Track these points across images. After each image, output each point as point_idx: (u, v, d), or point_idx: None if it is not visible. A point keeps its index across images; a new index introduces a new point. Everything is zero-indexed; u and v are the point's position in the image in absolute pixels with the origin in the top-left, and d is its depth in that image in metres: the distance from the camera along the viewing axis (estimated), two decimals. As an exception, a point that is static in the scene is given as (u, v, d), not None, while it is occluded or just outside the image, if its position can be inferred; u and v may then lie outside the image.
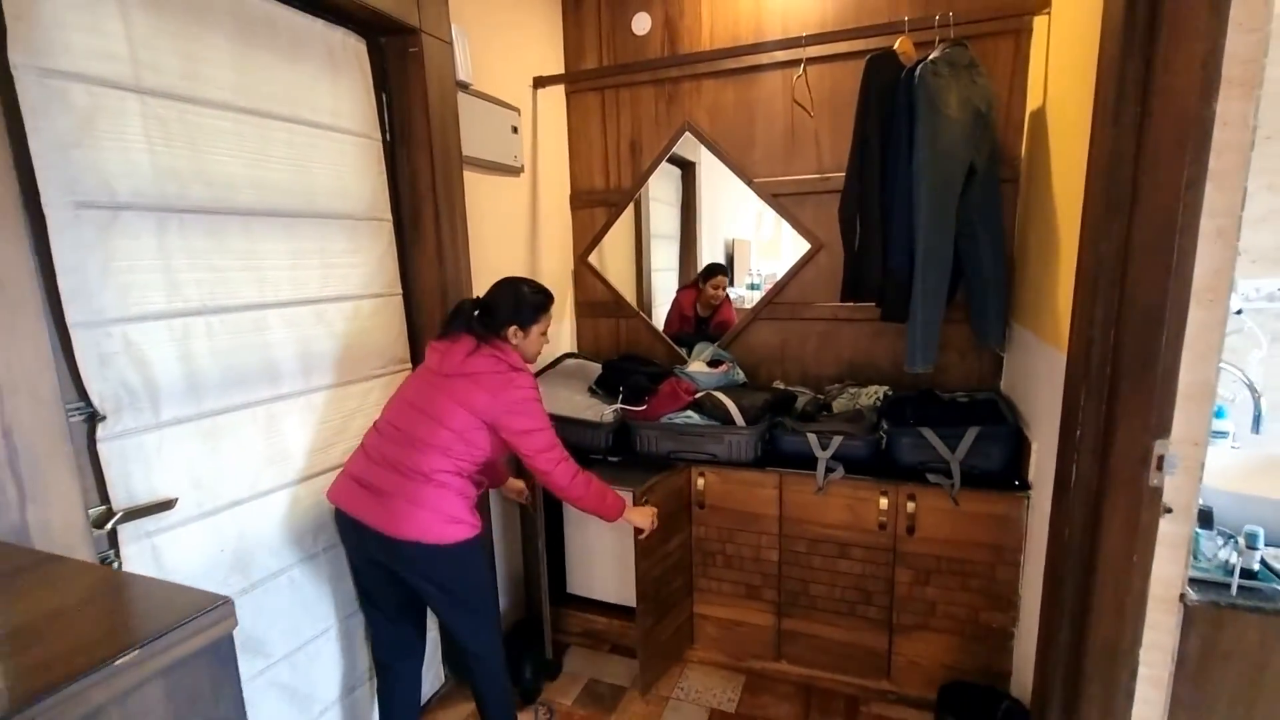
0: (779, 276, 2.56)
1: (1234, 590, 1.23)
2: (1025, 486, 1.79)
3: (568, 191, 2.76)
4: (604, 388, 2.43)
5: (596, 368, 2.54)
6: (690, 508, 2.18)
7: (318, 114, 1.65)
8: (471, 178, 2.10)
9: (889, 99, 1.94)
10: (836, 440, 1.98)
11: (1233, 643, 1.24)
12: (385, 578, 1.62)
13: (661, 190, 2.79)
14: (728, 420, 2.13)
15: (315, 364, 1.68)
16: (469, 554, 1.59)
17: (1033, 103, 2.04)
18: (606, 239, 2.77)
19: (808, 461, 2.00)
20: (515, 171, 2.38)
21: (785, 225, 2.50)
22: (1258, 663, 1.24)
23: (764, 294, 2.60)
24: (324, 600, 1.75)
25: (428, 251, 1.94)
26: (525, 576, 2.47)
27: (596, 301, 2.81)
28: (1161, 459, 1.16)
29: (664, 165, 2.70)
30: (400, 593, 1.64)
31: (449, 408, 1.55)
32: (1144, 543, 1.20)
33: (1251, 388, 1.63)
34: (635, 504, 1.90)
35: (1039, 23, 1.99)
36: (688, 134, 2.54)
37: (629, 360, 2.61)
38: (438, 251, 1.94)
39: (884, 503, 1.92)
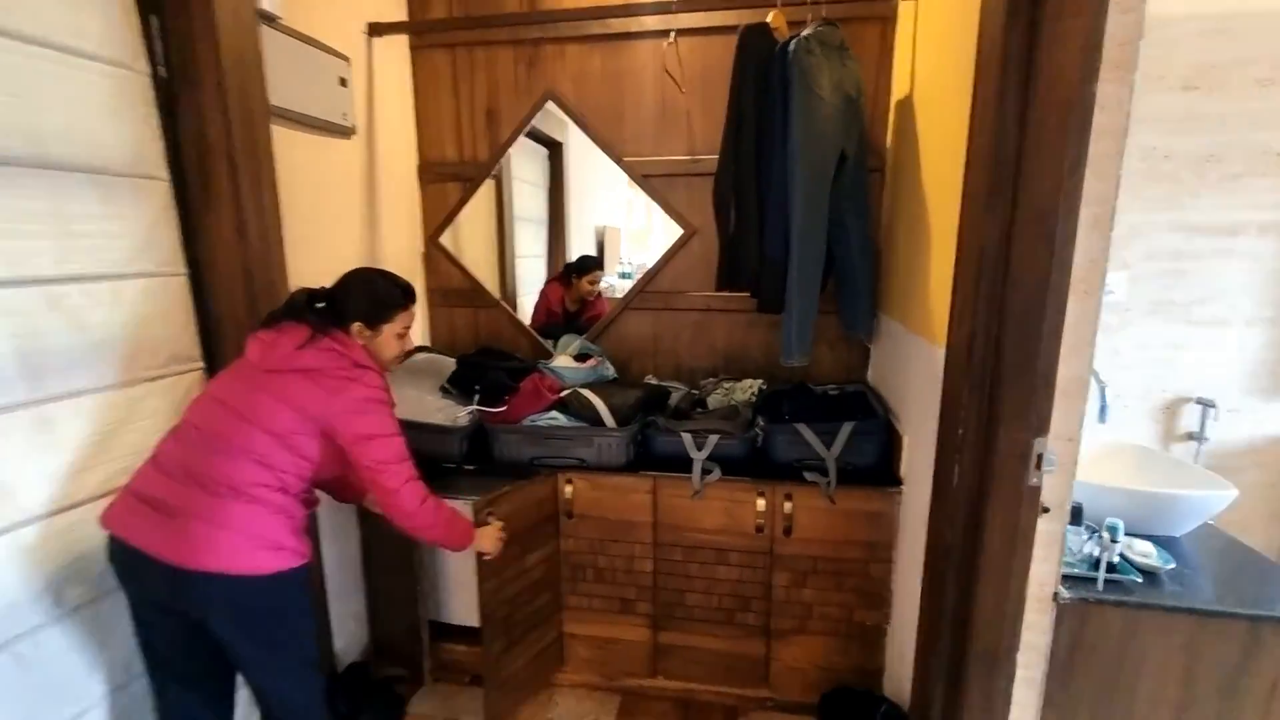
0: (648, 266, 2.40)
1: (1101, 585, 1.22)
2: (897, 482, 1.76)
3: (415, 162, 2.42)
4: (459, 386, 2.15)
5: (451, 363, 2.25)
6: (557, 518, 1.96)
7: (48, 29, 1.23)
8: (285, 135, 1.73)
9: (764, 75, 1.83)
10: (712, 440, 1.85)
11: (1097, 637, 1.24)
12: (178, 629, 1.26)
13: (526, 169, 2.52)
14: (597, 421, 1.93)
15: (49, 365, 1.26)
16: (289, 589, 1.27)
17: (899, 92, 2.02)
18: (463, 219, 2.46)
19: (683, 463, 1.86)
20: (345, 132, 2.01)
21: (657, 214, 2.35)
22: (1118, 655, 1.25)
23: (636, 282, 2.43)
24: (81, 673, 1.34)
25: (224, 222, 1.55)
26: (372, 609, 2.13)
27: (452, 289, 2.50)
28: (1041, 457, 1.12)
29: (529, 144, 2.44)
30: (199, 649, 1.29)
31: (270, 407, 1.24)
32: (1023, 544, 1.15)
33: (1096, 377, 1.69)
34: (476, 521, 1.65)
35: (905, 10, 1.96)
36: (551, 105, 2.30)
37: (488, 355, 2.33)
38: (238, 222, 1.56)
39: (761, 504, 1.82)
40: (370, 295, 1.41)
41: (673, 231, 2.32)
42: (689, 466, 1.84)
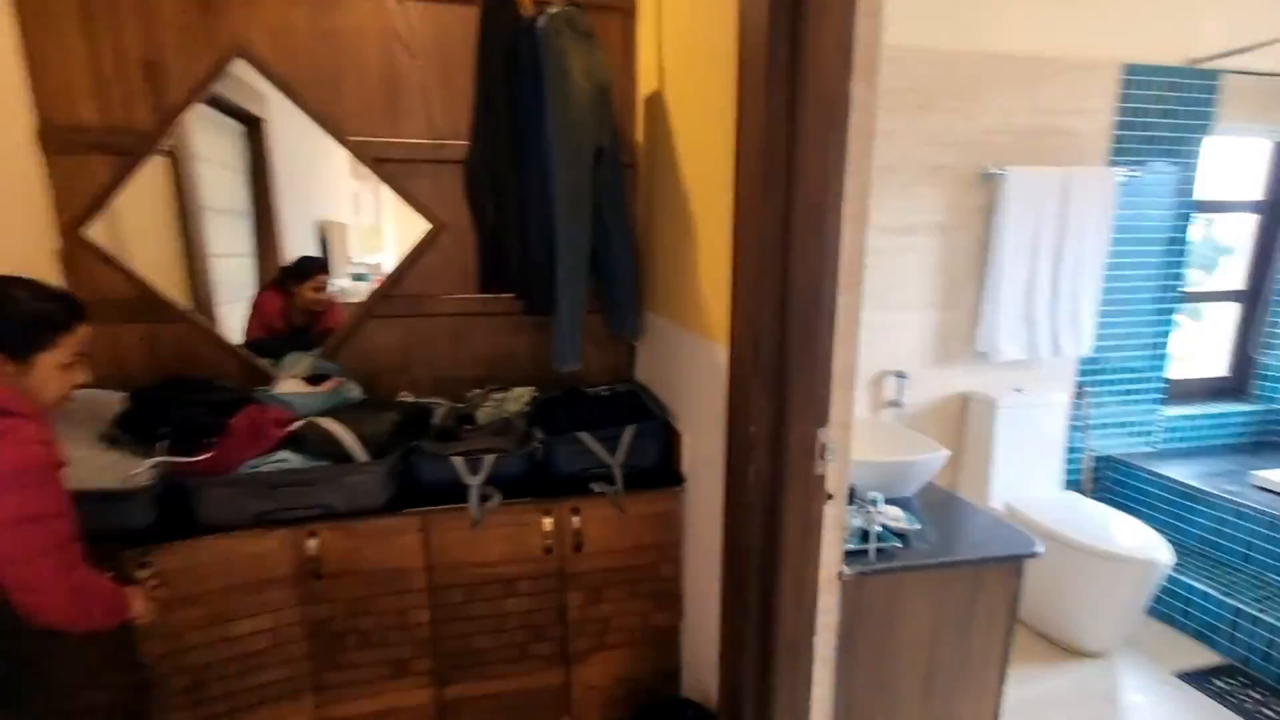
0: (387, 268, 2.07)
1: (873, 555, 1.33)
2: (679, 480, 1.75)
3: (30, 122, 1.73)
4: (133, 431, 1.60)
5: (116, 399, 1.67)
6: (295, 581, 1.57)
7: None
8: None
9: (512, 52, 1.66)
10: (488, 460, 1.64)
11: (871, 603, 1.35)
12: None
13: (214, 147, 1.98)
14: (343, 457, 1.59)
15: None
16: None
17: (646, 87, 2.01)
18: (124, 206, 1.84)
19: (457, 491, 1.62)
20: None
21: (393, 206, 2.02)
22: (887, 615, 1.38)
23: (376, 286, 2.07)
24: None
25: None
26: None
27: (113, 299, 1.86)
28: (824, 447, 1.16)
29: (217, 116, 1.91)
30: None
31: None
32: (815, 534, 1.19)
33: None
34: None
35: (644, 2, 1.95)
36: (246, 70, 1.83)
37: (178, 387, 1.79)
38: None
39: (548, 523, 1.67)
40: (11, 314, 1.04)
41: (416, 226, 2.03)
42: (464, 494, 1.61)
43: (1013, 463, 2.45)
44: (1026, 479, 2.48)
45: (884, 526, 1.40)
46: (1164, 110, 2.50)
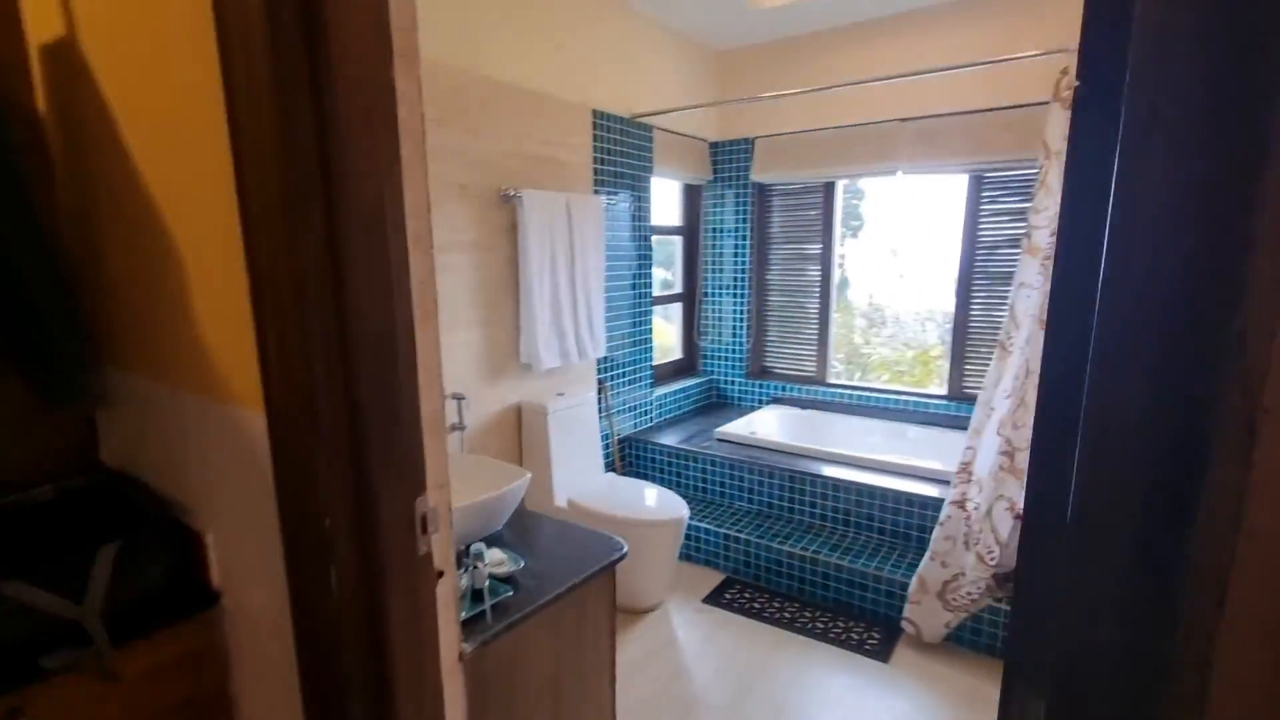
0: None
1: (489, 618, 1.17)
2: (212, 599, 1.24)
3: None
4: None
5: None
6: None
7: None
8: None
9: None
10: None
11: (497, 664, 1.20)
12: None
13: None
14: None
15: None
16: None
17: (44, 31, 1.34)
18: None
19: None
20: None
21: None
22: (511, 668, 1.25)
23: None
24: None
25: None
26: None
27: None
28: (425, 518, 0.94)
29: None
30: None
31: None
32: (430, 628, 0.96)
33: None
34: None
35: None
36: None
37: None
38: None
39: (-55, 768, 0.95)
40: None
41: None
42: None
43: (566, 461, 2.66)
44: (579, 473, 2.73)
45: (492, 577, 1.26)
46: (623, 151, 3.07)
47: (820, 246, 3.59)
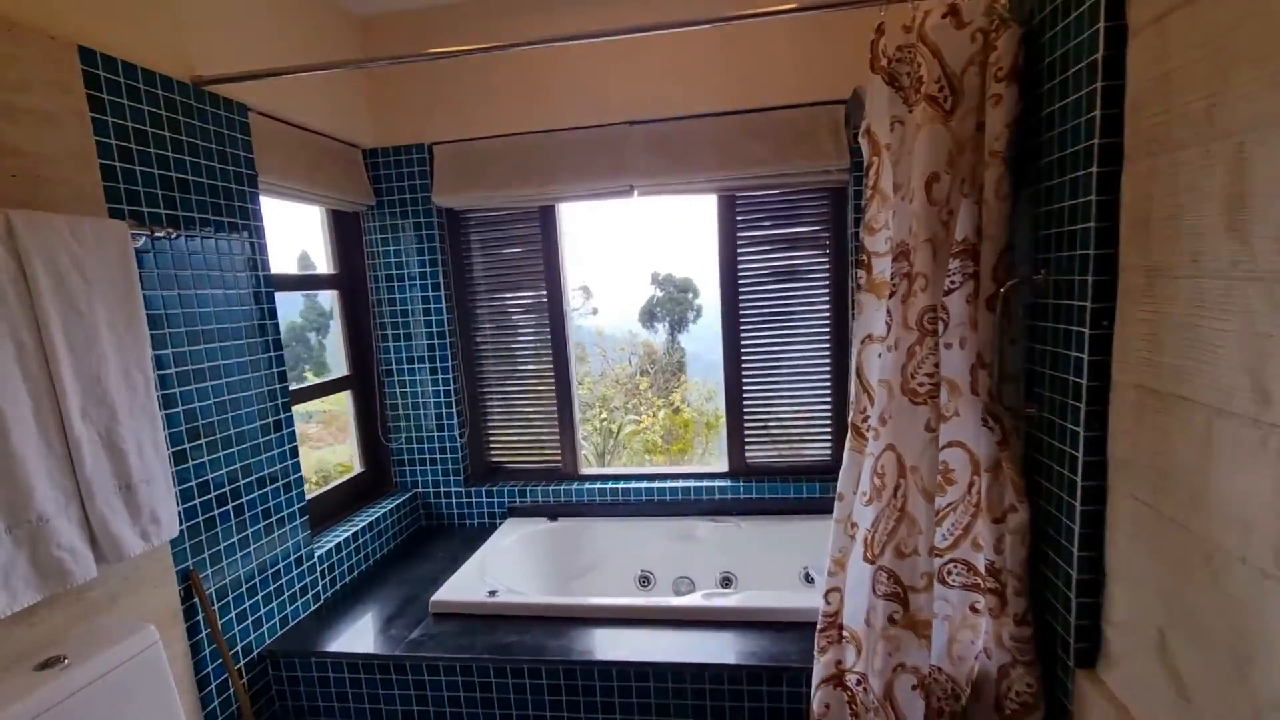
0: None
1: None
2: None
3: None
4: None
5: None
6: None
7: None
8: None
9: None
10: None
11: None
12: None
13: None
14: None
15: None
16: None
17: None
18: None
19: None
20: None
21: None
22: None
23: None
24: None
25: None
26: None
27: None
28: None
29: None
30: None
31: None
32: None
33: None
34: None
35: None
36: None
37: None
38: None
39: None
40: None
41: None
42: None
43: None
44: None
45: None
46: (182, 143, 1.68)
47: (544, 293, 2.62)
